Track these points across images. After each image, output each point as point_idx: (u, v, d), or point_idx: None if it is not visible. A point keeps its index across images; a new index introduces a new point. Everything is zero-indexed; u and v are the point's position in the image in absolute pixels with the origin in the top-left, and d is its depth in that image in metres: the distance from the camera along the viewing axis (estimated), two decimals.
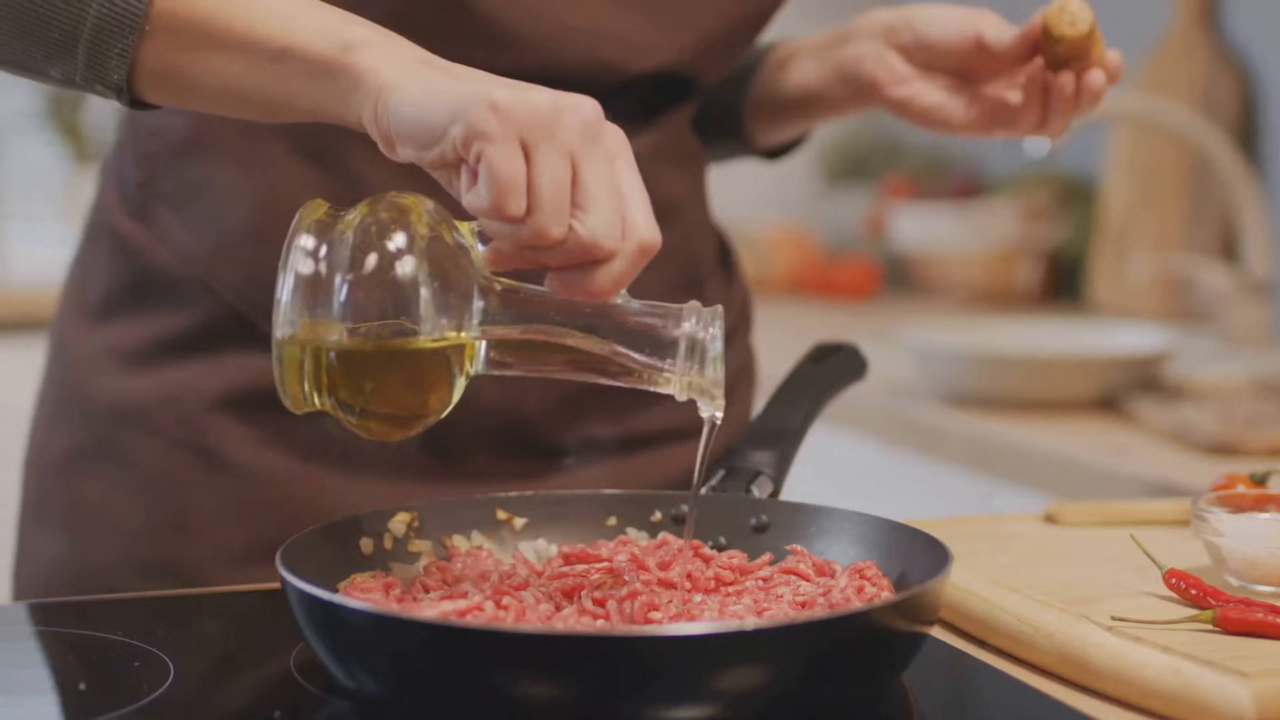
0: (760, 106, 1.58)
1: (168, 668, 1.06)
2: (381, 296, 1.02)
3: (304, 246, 1.03)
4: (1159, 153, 3.07)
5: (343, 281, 1.02)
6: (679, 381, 1.05)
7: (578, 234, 0.99)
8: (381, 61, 1.04)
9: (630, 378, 1.06)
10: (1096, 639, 1.04)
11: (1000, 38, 1.40)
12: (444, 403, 1.06)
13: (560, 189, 0.99)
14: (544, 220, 0.99)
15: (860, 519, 1.17)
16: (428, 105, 1.01)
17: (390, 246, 1.02)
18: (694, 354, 1.04)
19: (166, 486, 1.37)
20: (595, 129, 1.01)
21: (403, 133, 1.02)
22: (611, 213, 1.00)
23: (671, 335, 1.04)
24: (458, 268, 1.04)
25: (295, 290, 1.03)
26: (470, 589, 1.08)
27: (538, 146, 0.99)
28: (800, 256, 3.77)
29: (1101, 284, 3.17)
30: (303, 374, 1.04)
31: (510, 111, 0.98)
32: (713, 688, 0.93)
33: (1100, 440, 2.12)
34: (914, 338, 2.44)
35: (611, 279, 1.01)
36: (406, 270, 1.02)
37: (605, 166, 1.01)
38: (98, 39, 1.11)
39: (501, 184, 0.98)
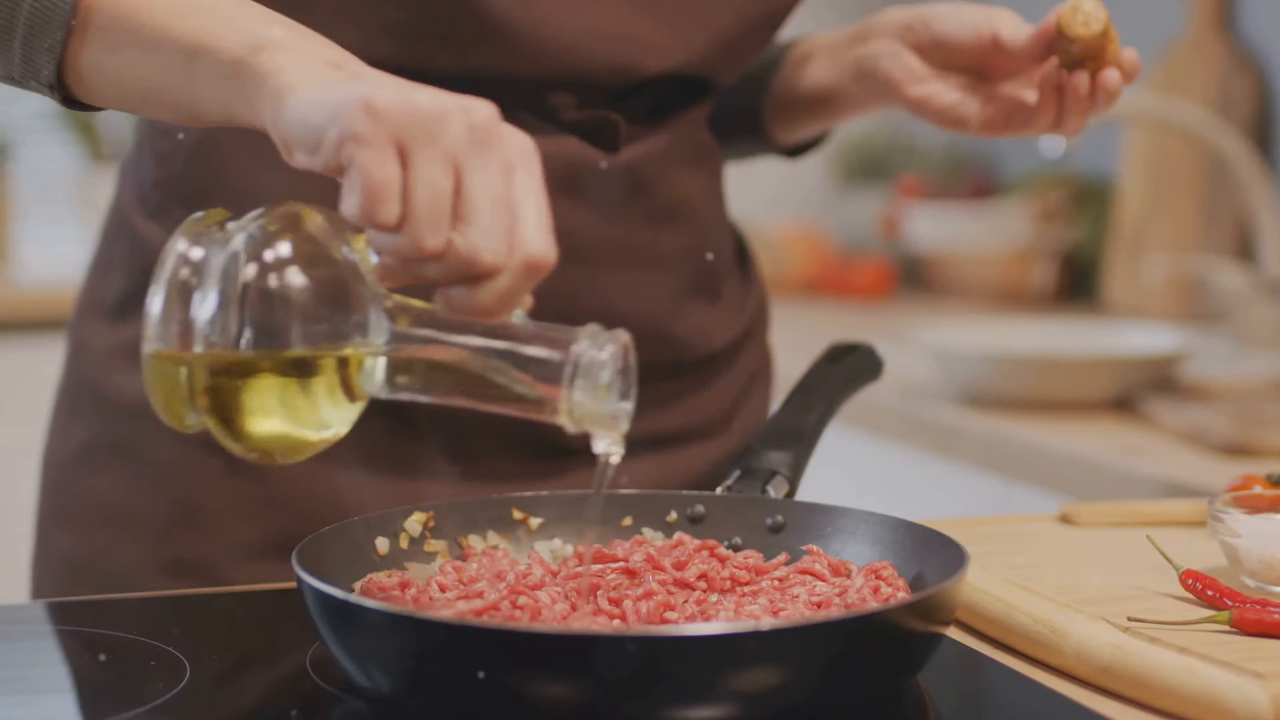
0: (779, 105, 1.58)
1: (184, 667, 1.06)
2: (253, 310, 0.96)
3: (179, 252, 0.98)
4: (1174, 153, 3.07)
5: (213, 292, 0.96)
6: (564, 410, 0.98)
7: (456, 246, 0.93)
8: (289, 62, 0.99)
9: (522, 405, 0.98)
10: (1113, 640, 1.04)
11: (1016, 37, 1.40)
12: (325, 424, 1.00)
13: (438, 197, 0.93)
14: (419, 230, 0.92)
15: (876, 519, 1.17)
16: (311, 107, 0.96)
17: (269, 256, 0.96)
18: (582, 379, 0.97)
19: (179, 482, 1.37)
20: (486, 134, 0.95)
21: (291, 136, 0.98)
22: (495, 225, 0.93)
23: (559, 359, 0.97)
24: (343, 281, 0.97)
25: (167, 300, 0.97)
26: (486, 589, 1.08)
27: (416, 151, 0.93)
28: (815, 256, 3.77)
29: (1116, 284, 3.17)
30: (175, 390, 0.98)
31: (386, 113, 0.93)
32: (728, 688, 0.93)
33: (1115, 441, 2.11)
34: (929, 338, 2.44)
35: (496, 297, 0.94)
36: (284, 282, 0.96)
37: (494, 175, 0.94)
38: (30, 34, 1.10)
39: (371, 189, 0.92)
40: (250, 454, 1.01)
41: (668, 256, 1.41)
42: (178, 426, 1.01)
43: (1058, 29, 1.36)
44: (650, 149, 1.38)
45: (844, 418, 1.43)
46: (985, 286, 3.46)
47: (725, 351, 1.48)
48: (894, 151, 3.91)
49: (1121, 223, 3.17)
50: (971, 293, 3.50)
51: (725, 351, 1.48)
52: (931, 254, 3.58)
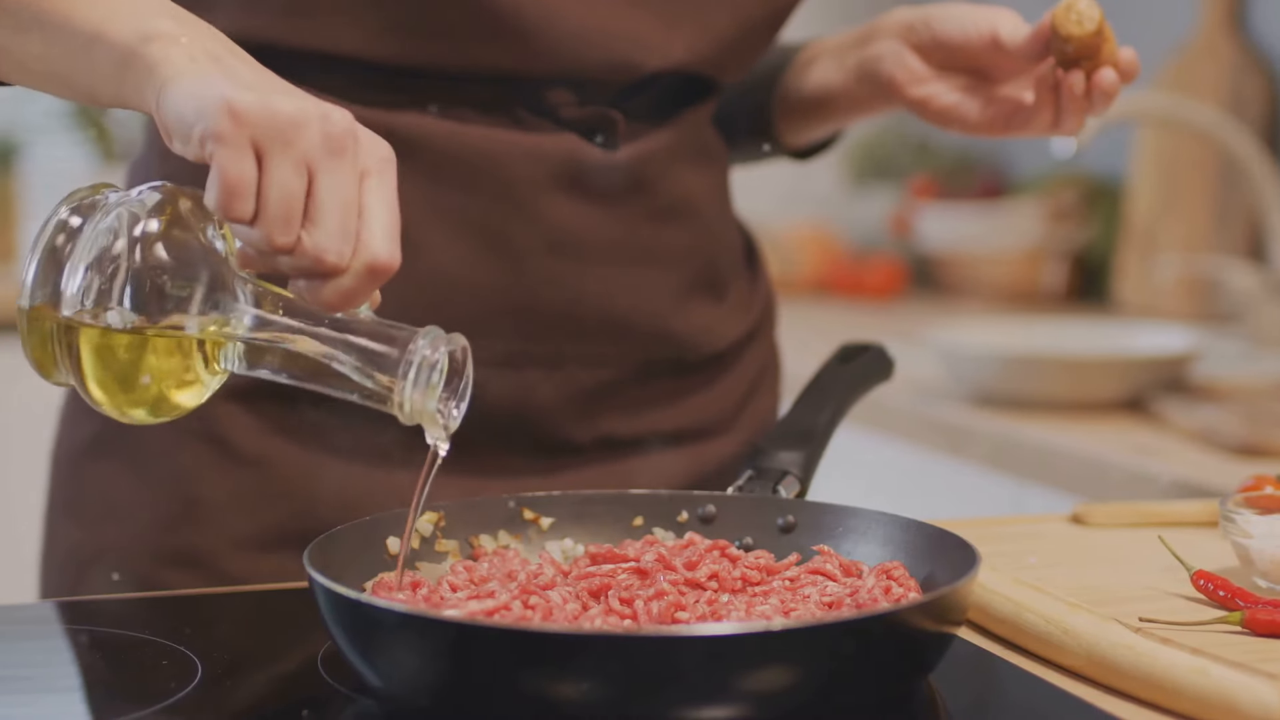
0: (787, 107, 1.58)
1: (195, 666, 1.06)
2: (118, 280, 1.01)
3: (60, 218, 1.04)
4: (1185, 153, 3.06)
5: (84, 260, 1.02)
6: (396, 402, 1.03)
7: (304, 245, 0.99)
8: (175, 53, 1.03)
9: (361, 394, 1.04)
10: (1124, 640, 1.03)
11: (1014, 36, 1.40)
12: (188, 391, 1.06)
13: (288, 198, 0.98)
14: (269, 227, 0.98)
15: (887, 519, 1.17)
16: (183, 102, 1.00)
17: (136, 232, 1.02)
18: (418, 377, 1.03)
19: (180, 475, 1.39)
20: (340, 141, 1.00)
21: (169, 127, 1.02)
22: (341, 228, 0.99)
23: (394, 355, 1.03)
24: (206, 262, 1.03)
25: (41, 261, 1.03)
26: (497, 588, 1.08)
27: (271, 154, 0.98)
28: (826, 256, 3.76)
29: (1128, 284, 3.17)
30: (45, 348, 1.04)
31: (246, 116, 0.98)
32: (740, 688, 0.93)
33: (1127, 441, 2.11)
34: (940, 338, 2.44)
35: (339, 293, 1.00)
36: (148, 257, 1.02)
37: (345, 180, 1.00)
38: None
39: (227, 186, 0.98)
40: (114, 415, 1.06)
41: (670, 254, 1.41)
42: (49, 380, 1.07)
43: (1052, 28, 1.36)
44: (652, 147, 1.39)
45: (855, 418, 1.43)
46: (996, 286, 3.46)
47: (731, 350, 1.49)
48: (905, 151, 3.90)
49: (1133, 223, 3.17)
50: (983, 293, 3.50)
51: (731, 350, 1.49)
52: (942, 254, 3.58)
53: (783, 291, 3.42)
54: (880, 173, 3.93)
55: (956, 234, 3.46)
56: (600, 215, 1.37)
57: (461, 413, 1.07)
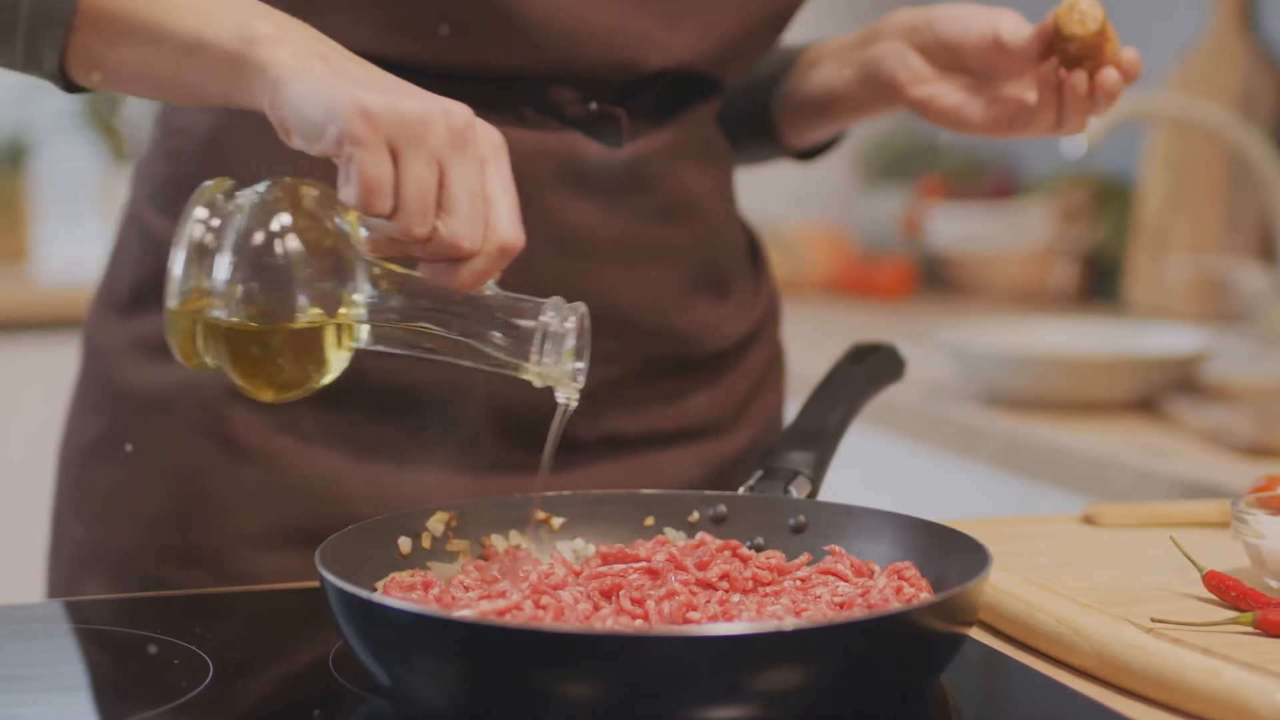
0: (790, 108, 1.59)
1: (207, 665, 1.07)
2: (263, 271, 1.08)
3: (198, 218, 1.10)
4: (1196, 153, 3.06)
5: (227, 255, 1.08)
6: (533, 369, 1.11)
7: (440, 234, 1.06)
8: (282, 54, 1.10)
9: (494, 363, 1.12)
10: (1136, 641, 1.03)
11: (1017, 37, 1.40)
12: (322, 375, 1.12)
13: (424, 192, 1.05)
14: (408, 220, 1.05)
15: (898, 520, 1.17)
16: (309, 103, 1.07)
17: (274, 226, 1.09)
18: (549, 344, 1.11)
19: (189, 473, 1.39)
20: (464, 135, 1.07)
21: (290, 125, 1.09)
22: (473, 215, 1.06)
23: (529, 326, 1.11)
24: (338, 250, 1.10)
25: (187, 261, 1.09)
26: (508, 588, 1.08)
27: (405, 152, 1.05)
28: (836, 256, 3.76)
29: (1138, 285, 3.17)
30: (192, 340, 1.10)
31: (380, 118, 1.05)
32: (751, 688, 0.93)
33: (1137, 441, 2.11)
34: (950, 338, 2.44)
35: (473, 274, 1.07)
36: (287, 248, 1.09)
37: (472, 171, 1.07)
38: (32, 31, 1.18)
39: (368, 186, 1.05)
40: (255, 394, 1.13)
41: (674, 252, 1.42)
42: (193, 368, 1.13)
43: (1055, 28, 1.36)
44: (655, 145, 1.39)
45: (865, 418, 1.43)
46: (1007, 287, 3.46)
47: (735, 348, 1.49)
48: (915, 151, 3.90)
49: (1143, 223, 3.16)
50: (993, 293, 3.49)
51: (735, 348, 1.49)
52: (953, 254, 3.57)
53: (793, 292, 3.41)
54: (890, 173, 3.93)
55: (966, 234, 3.46)
56: (604, 213, 1.37)
57: (586, 370, 1.14)
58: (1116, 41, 1.38)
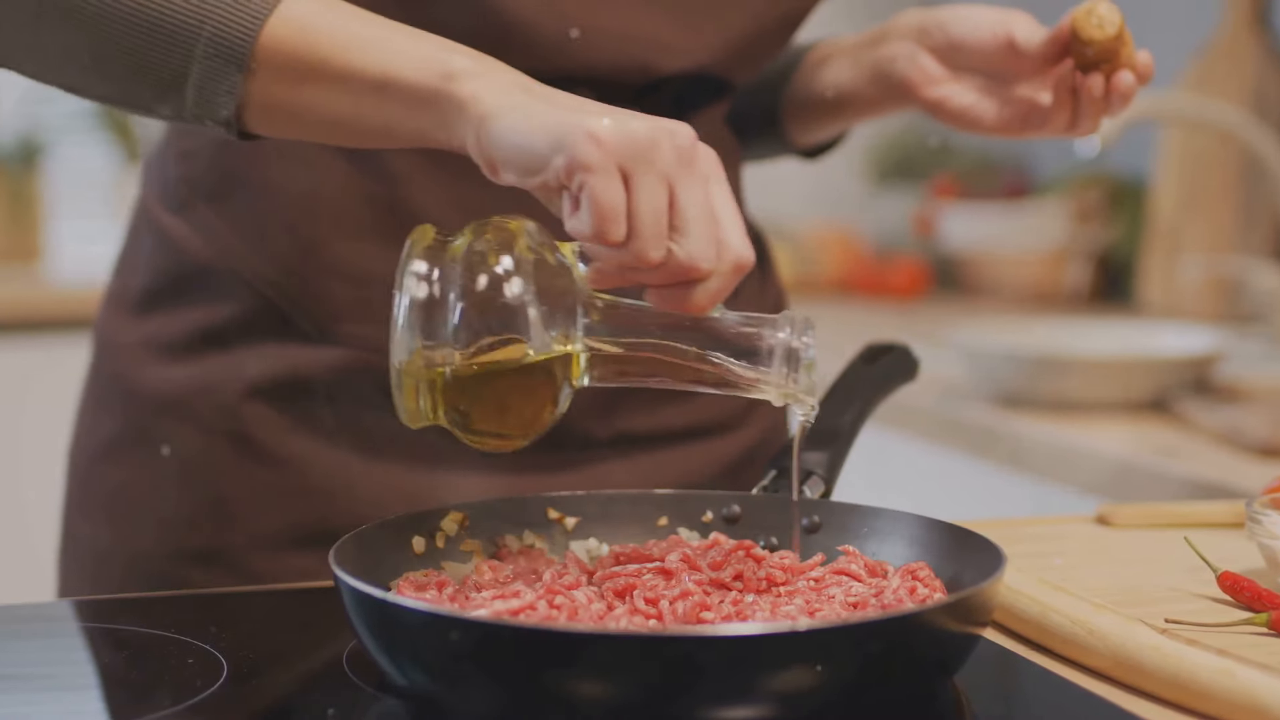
0: (797, 106, 1.59)
1: (221, 665, 1.07)
2: (492, 316, 1.06)
3: (417, 271, 1.07)
4: (1210, 153, 3.06)
5: (455, 303, 1.06)
6: (775, 389, 1.09)
7: (676, 256, 1.03)
8: (483, 89, 1.07)
9: (729, 386, 1.10)
10: (1150, 641, 1.03)
11: (1031, 39, 1.40)
12: (552, 415, 1.11)
13: (659, 215, 1.02)
14: (644, 245, 1.02)
15: (912, 520, 1.17)
16: (529, 134, 1.04)
17: (499, 269, 1.06)
18: (789, 362, 1.09)
19: (204, 473, 1.40)
20: (690, 154, 1.04)
21: (505, 160, 1.05)
22: (707, 235, 1.04)
23: (768, 345, 1.09)
24: (561, 287, 1.08)
25: (410, 313, 1.06)
26: (522, 588, 1.08)
27: (636, 175, 1.02)
28: (849, 256, 3.76)
29: (1151, 285, 3.16)
30: (418, 395, 1.08)
31: (610, 142, 1.01)
32: (765, 688, 0.93)
33: (1150, 442, 2.11)
34: (963, 338, 2.43)
35: (708, 296, 1.05)
36: (514, 290, 1.06)
37: (700, 190, 1.04)
38: (206, 78, 1.13)
39: (604, 212, 1.01)
40: (483, 445, 1.11)
41: None
42: (411, 424, 1.10)
43: (1072, 32, 1.36)
44: None
45: (877, 418, 1.43)
46: (1020, 287, 3.45)
47: None
48: (927, 151, 3.90)
49: (1157, 223, 3.16)
50: (1006, 293, 3.49)
51: None
52: (965, 254, 3.57)
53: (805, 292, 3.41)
54: (903, 173, 3.93)
55: (979, 234, 3.46)
56: None
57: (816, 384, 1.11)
58: (1132, 44, 1.38)
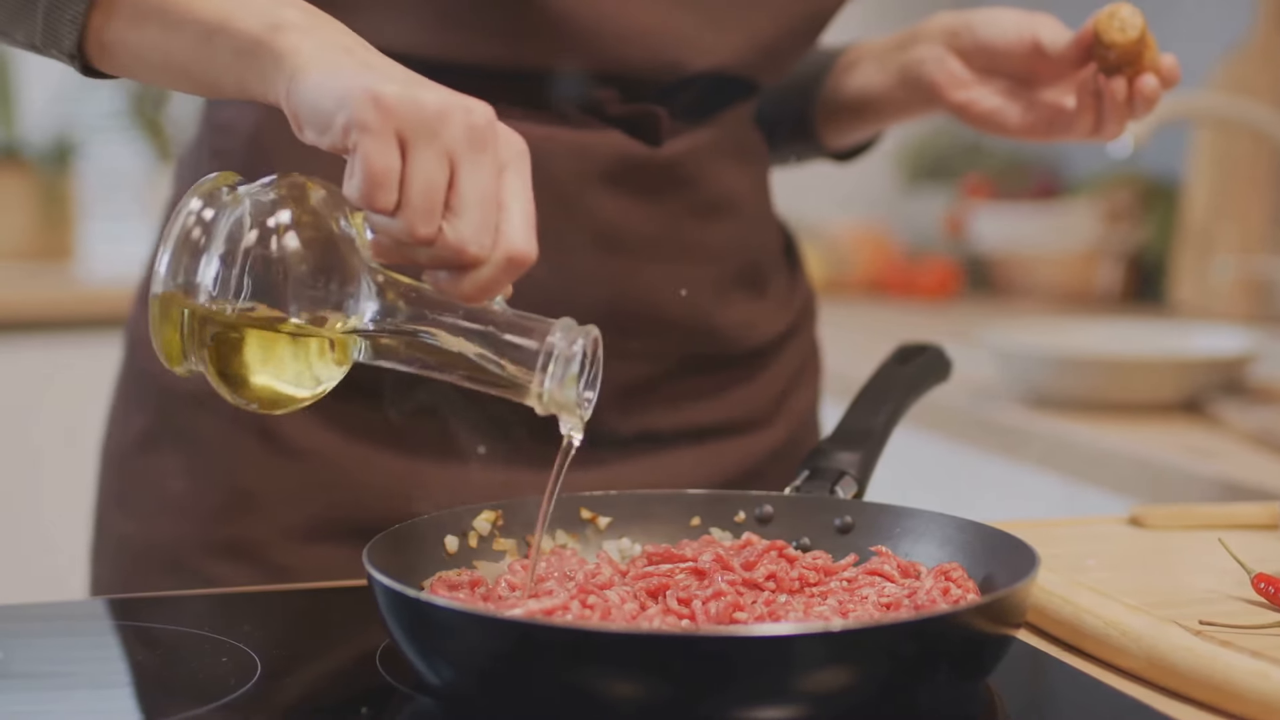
0: (828, 109, 1.60)
1: (254, 663, 1.07)
2: (254, 271, 1.02)
3: (191, 210, 1.04)
4: (1242, 153, 3.05)
5: (218, 251, 1.02)
6: (535, 393, 1.05)
7: (445, 236, 0.99)
8: (303, 43, 1.04)
9: (495, 385, 1.05)
10: (1184, 643, 1.03)
11: (1056, 42, 1.41)
12: (310, 384, 1.06)
13: (431, 189, 0.99)
14: (412, 218, 0.99)
15: (945, 520, 1.17)
16: (322, 91, 1.01)
17: (270, 223, 1.03)
18: (555, 368, 1.04)
19: (231, 467, 1.40)
20: (483, 134, 1.00)
21: (303, 116, 1.03)
22: (483, 220, 1.00)
23: (533, 347, 1.04)
24: (339, 253, 1.03)
25: (175, 252, 1.03)
26: (555, 588, 1.08)
27: (416, 145, 0.99)
28: (880, 257, 3.76)
29: (1184, 285, 3.15)
30: (175, 338, 1.04)
31: (393, 107, 0.98)
32: (798, 688, 0.93)
33: (1183, 443, 2.10)
34: (995, 339, 2.43)
35: (478, 285, 1.01)
36: (284, 247, 1.02)
37: (486, 173, 1.00)
38: (52, 5, 1.13)
39: (372, 176, 0.98)
40: (241, 403, 1.07)
41: (712, 250, 1.43)
42: (177, 370, 1.06)
43: (1095, 35, 1.37)
44: (695, 144, 1.40)
45: (909, 419, 1.43)
46: (1051, 287, 3.45)
47: (771, 345, 1.50)
48: (959, 152, 3.89)
49: (1189, 223, 3.15)
50: (1037, 293, 3.48)
51: (771, 345, 1.50)
52: (997, 254, 3.57)
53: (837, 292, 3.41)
54: (934, 173, 3.93)
55: (1011, 234, 3.45)
56: (644, 211, 1.38)
57: (594, 401, 1.08)
58: (1155, 48, 1.38)
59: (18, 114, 3.83)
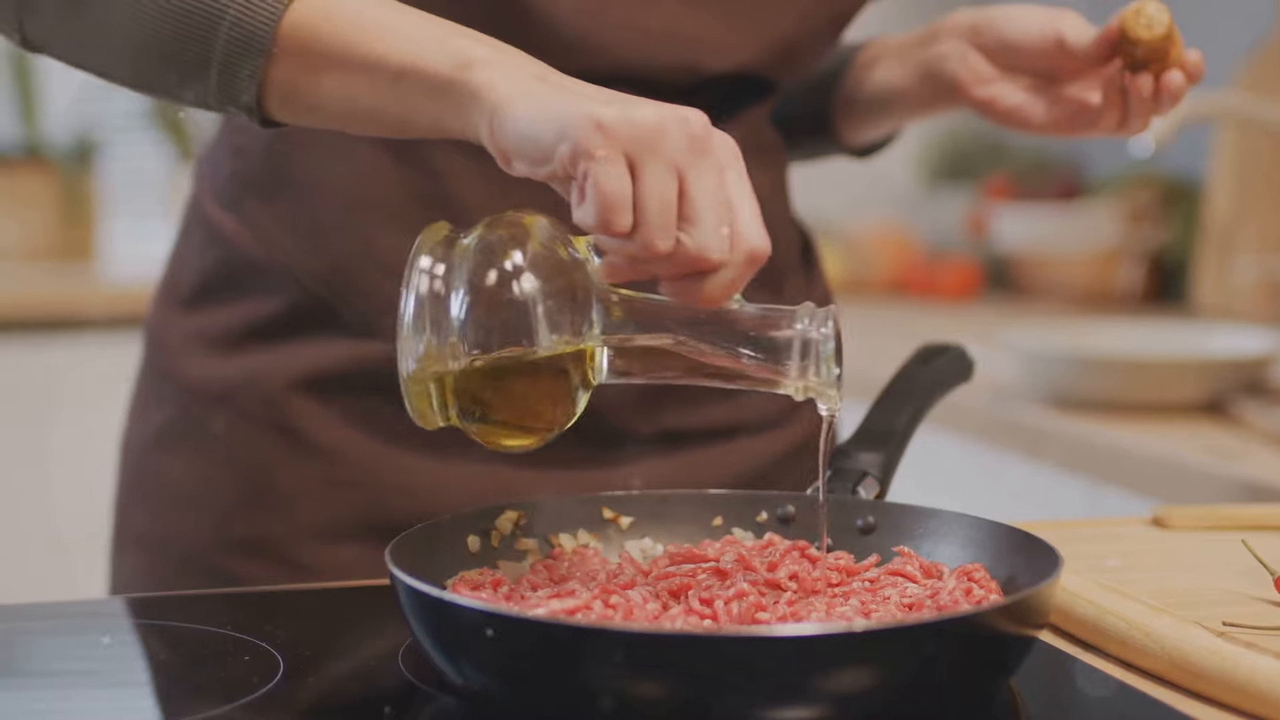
0: (847, 106, 1.60)
1: (277, 662, 1.07)
2: (501, 313, 1.03)
3: (424, 268, 1.04)
4: (1264, 153, 3.04)
5: (462, 300, 1.03)
6: (794, 383, 1.06)
7: (685, 246, 1.00)
8: (497, 77, 1.05)
9: (748, 380, 1.07)
10: (1208, 645, 1.03)
11: (1080, 39, 1.41)
12: (568, 413, 1.08)
13: (666, 204, 1.00)
14: (651, 235, 1.00)
15: (968, 521, 1.17)
16: (537, 123, 1.02)
17: (508, 264, 1.04)
18: (806, 354, 1.06)
19: (251, 465, 1.41)
20: (702, 141, 1.02)
21: (515, 149, 1.03)
22: (718, 224, 1.01)
23: (785, 337, 1.06)
24: (574, 282, 1.05)
25: (417, 310, 1.04)
26: (577, 587, 1.08)
27: (643, 163, 1.00)
28: (901, 257, 3.76)
29: (1205, 286, 3.15)
30: (430, 396, 1.05)
31: (615, 130, 0.99)
32: (820, 689, 0.93)
33: (1205, 443, 2.10)
34: (1016, 339, 2.43)
35: (720, 287, 1.02)
36: (524, 287, 1.03)
37: (712, 178, 1.02)
38: (228, 63, 1.13)
39: (607, 202, 0.99)
40: (497, 445, 1.09)
41: None
42: (424, 425, 1.08)
43: (1121, 32, 1.37)
44: None
45: (930, 418, 1.43)
46: (1073, 288, 3.44)
47: None
48: (981, 152, 3.89)
49: (1211, 223, 3.15)
50: (1059, 294, 3.48)
51: None
52: (1019, 255, 3.56)
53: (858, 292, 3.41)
54: (956, 173, 3.92)
55: (1032, 235, 3.45)
56: None
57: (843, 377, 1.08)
58: (1181, 44, 1.38)
59: (40, 113, 3.84)
